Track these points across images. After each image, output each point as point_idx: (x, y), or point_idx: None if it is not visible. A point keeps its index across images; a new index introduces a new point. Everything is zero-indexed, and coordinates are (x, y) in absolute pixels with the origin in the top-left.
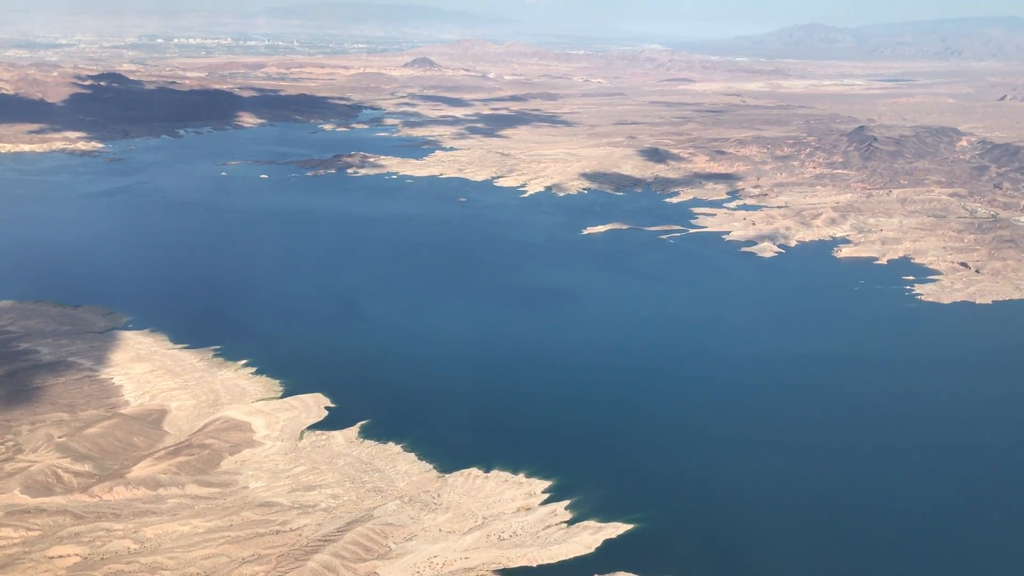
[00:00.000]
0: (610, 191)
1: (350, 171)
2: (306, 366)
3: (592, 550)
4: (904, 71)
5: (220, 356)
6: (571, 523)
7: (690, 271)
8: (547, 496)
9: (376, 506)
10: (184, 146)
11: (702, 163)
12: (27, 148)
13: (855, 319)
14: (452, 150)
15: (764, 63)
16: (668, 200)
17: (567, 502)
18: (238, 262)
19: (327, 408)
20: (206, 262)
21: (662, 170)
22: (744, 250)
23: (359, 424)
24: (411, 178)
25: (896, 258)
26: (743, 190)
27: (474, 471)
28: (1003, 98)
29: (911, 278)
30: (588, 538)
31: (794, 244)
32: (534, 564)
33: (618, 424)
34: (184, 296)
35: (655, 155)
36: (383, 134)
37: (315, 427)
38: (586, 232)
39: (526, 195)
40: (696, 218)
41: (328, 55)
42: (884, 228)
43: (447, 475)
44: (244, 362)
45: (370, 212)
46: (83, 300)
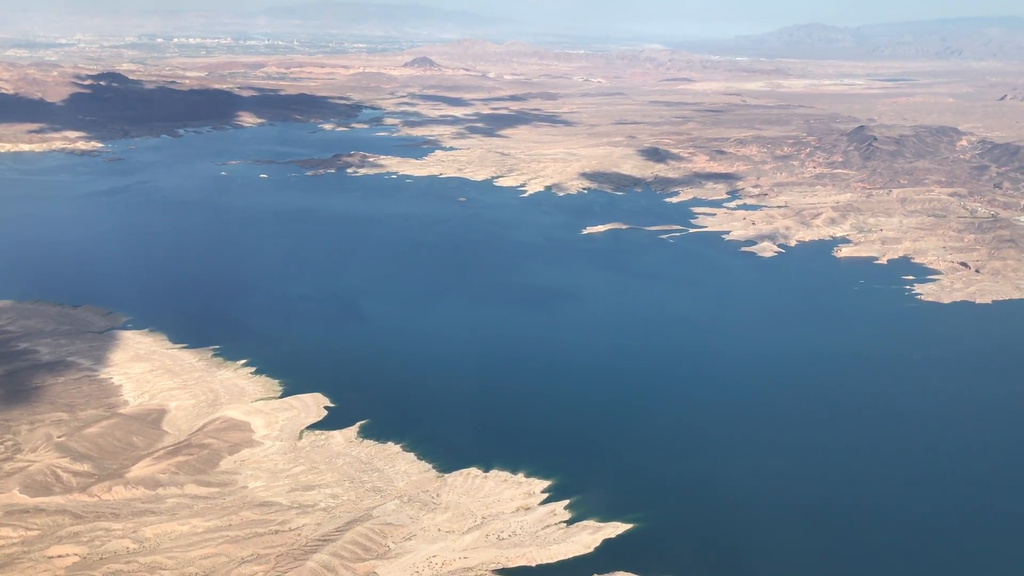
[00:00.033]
0: (610, 191)
1: (350, 171)
2: (305, 366)
3: (591, 550)
4: (904, 71)
5: (219, 356)
6: (570, 523)
7: (690, 271)
8: (546, 496)
9: (375, 506)
10: (184, 146)
11: (702, 163)
12: (27, 148)
13: (855, 319)
14: (452, 150)
15: (764, 63)
16: (668, 200)
17: (566, 502)
18: (238, 262)
19: (326, 408)
20: (206, 262)
21: (662, 170)
22: (744, 250)
23: (358, 424)
24: (411, 178)
25: (896, 258)
26: (743, 190)
27: (473, 471)
28: (1003, 98)
29: (911, 278)
30: (587, 538)
31: (794, 244)
32: (533, 564)
33: (617, 424)
34: (183, 296)
35: (655, 155)
36: (383, 134)
37: (314, 427)
38: (586, 232)
39: (526, 195)
40: (696, 218)
41: (328, 55)
42: (884, 228)
43: (446, 475)
44: (243, 362)
45: (370, 212)
46: (82, 300)
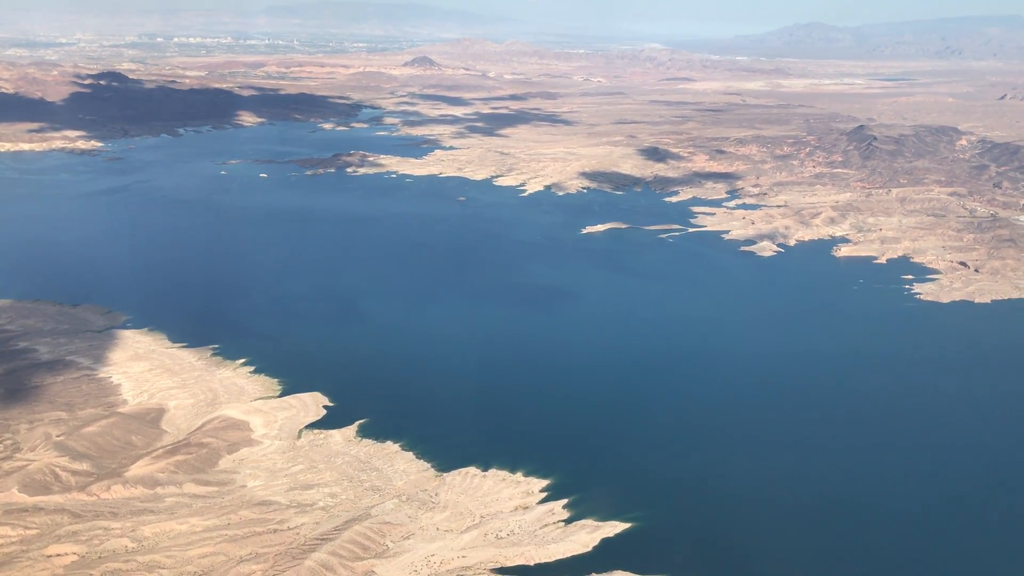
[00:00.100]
0: (609, 190)
1: (349, 170)
2: (304, 365)
3: (589, 549)
4: (904, 70)
5: (219, 355)
6: (568, 522)
7: (689, 270)
8: (545, 495)
9: (374, 505)
10: (184, 145)
11: (702, 162)
12: (26, 147)
13: (854, 318)
14: (452, 149)
15: (764, 62)
16: (667, 199)
17: (565, 501)
18: (237, 261)
19: (325, 407)
20: (205, 261)
21: (661, 169)
22: (743, 249)
23: (357, 423)
24: (410, 177)
25: (895, 257)
26: (742, 189)
27: (472, 470)
28: (1003, 97)
29: (910, 277)
30: (585, 537)
31: (793, 243)
32: (531, 563)
33: (616, 423)
34: (183, 295)
35: (655, 154)
36: (383, 133)
37: (313, 426)
38: (585, 231)
39: (525, 194)
40: (695, 217)
41: (328, 54)
42: (883, 227)
43: (445, 474)
44: (242, 361)
45: (369, 211)
46: (82, 299)
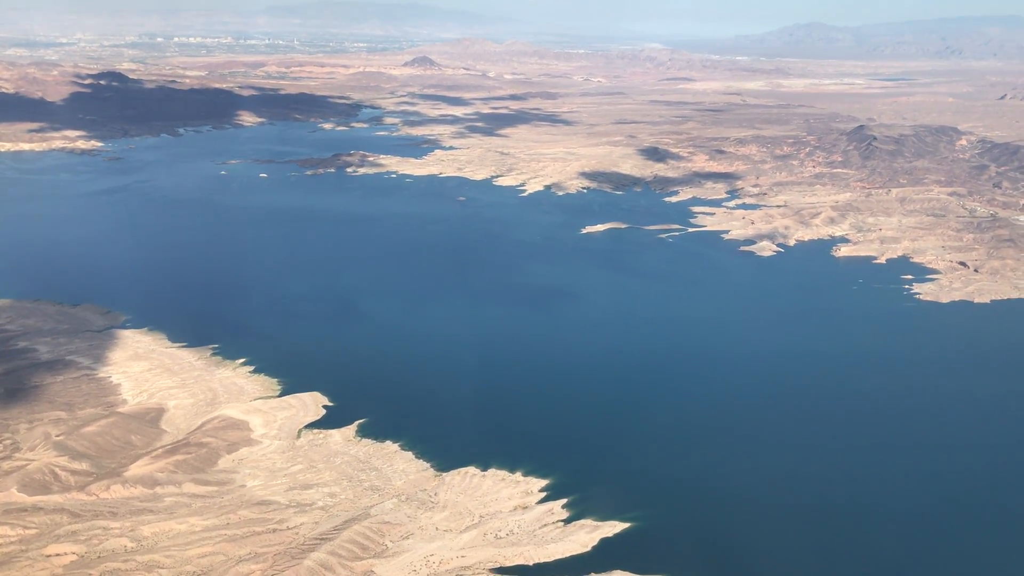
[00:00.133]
0: (609, 190)
1: (349, 170)
2: (304, 365)
3: (588, 549)
4: (904, 70)
5: (218, 355)
6: (568, 522)
7: (689, 270)
8: (544, 495)
9: (373, 504)
10: (184, 145)
11: (701, 162)
12: (26, 147)
13: (854, 318)
14: (451, 149)
15: (764, 62)
16: (667, 199)
17: (564, 501)
18: (237, 261)
19: (325, 407)
20: (205, 261)
21: (661, 169)
22: (743, 249)
23: (357, 423)
24: (410, 177)
25: (895, 257)
26: (742, 189)
27: (471, 470)
28: (1003, 97)
29: (910, 277)
30: (585, 537)
31: (793, 243)
32: (530, 563)
33: (615, 423)
34: (183, 295)
35: (654, 154)
36: (383, 133)
37: (313, 426)
38: (585, 231)
39: (525, 194)
40: (695, 217)
41: (328, 54)
42: (883, 227)
43: (444, 474)
44: (242, 361)
45: (369, 211)
46: (81, 299)
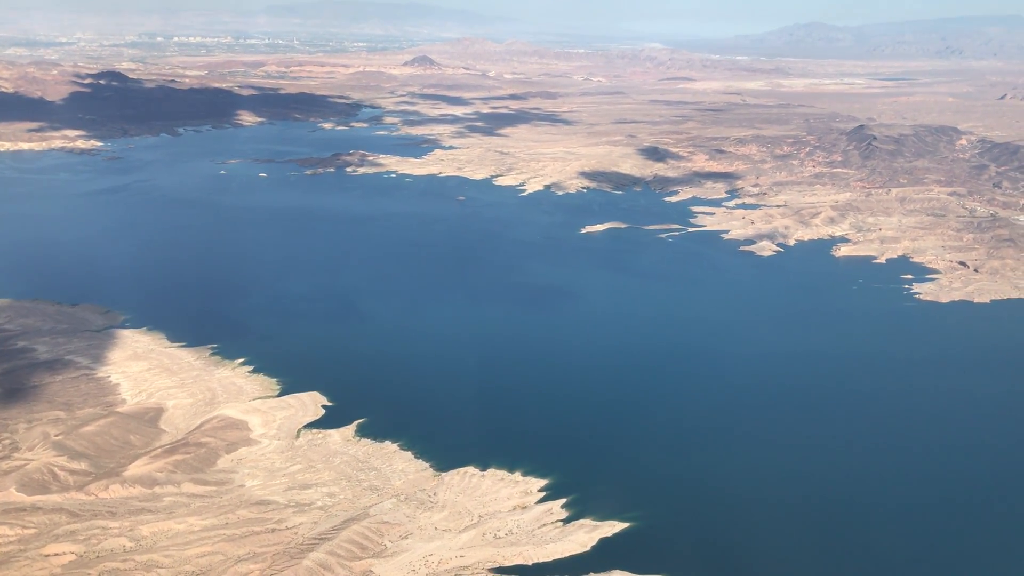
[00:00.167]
0: (609, 190)
1: (349, 170)
2: (303, 365)
3: (588, 548)
4: (904, 70)
5: (217, 354)
6: (567, 521)
7: (688, 270)
8: (543, 495)
9: (372, 504)
10: (183, 144)
11: (701, 162)
12: (26, 146)
13: (853, 318)
14: (451, 149)
15: (764, 62)
16: (667, 199)
17: (563, 501)
18: (236, 261)
19: (324, 407)
20: (204, 261)
21: (661, 169)
22: (743, 249)
23: (356, 422)
24: (410, 177)
25: (895, 257)
26: (742, 189)
27: (470, 469)
28: (1003, 97)
29: (910, 277)
30: (584, 536)
31: (793, 243)
32: (529, 562)
33: (614, 423)
34: (182, 295)
35: (654, 154)
36: (382, 132)
37: (312, 425)
38: (584, 231)
39: (525, 194)
40: (695, 217)
41: (328, 53)
42: (883, 227)
43: (443, 473)
44: (241, 360)
45: (369, 211)
46: (81, 298)
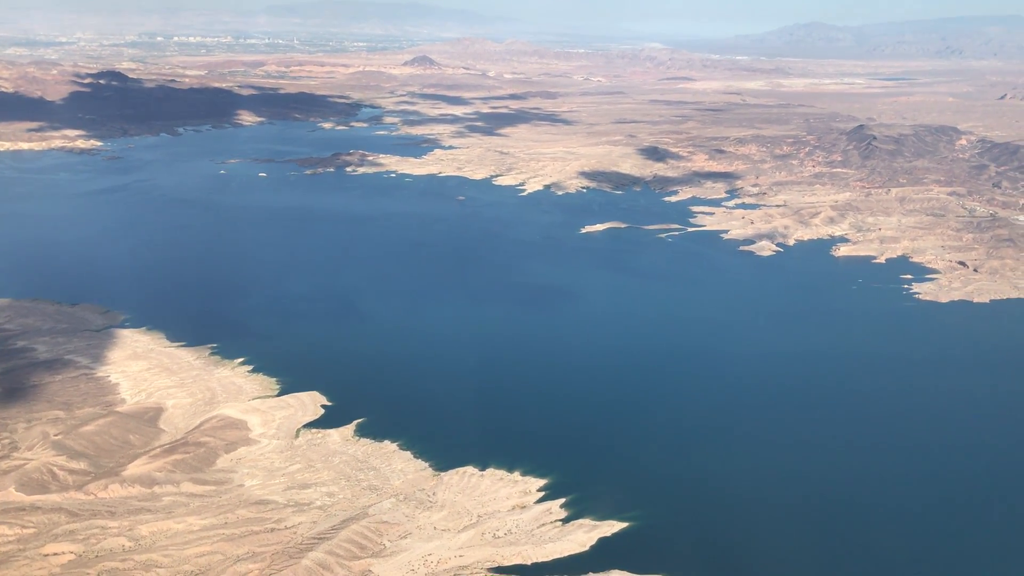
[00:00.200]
0: (609, 190)
1: (349, 169)
2: (303, 364)
3: (587, 548)
4: (904, 70)
5: (217, 354)
6: (566, 521)
7: (688, 270)
8: (542, 494)
9: (371, 504)
10: (183, 144)
11: (701, 162)
12: (26, 146)
13: (853, 318)
14: (451, 148)
15: (764, 62)
16: (667, 199)
17: (562, 500)
18: (236, 260)
19: (323, 406)
20: (204, 260)
21: (661, 169)
22: (742, 249)
23: (355, 422)
24: (410, 176)
25: (894, 257)
26: (742, 189)
27: (469, 469)
28: (1003, 97)
29: (909, 277)
30: (583, 536)
31: (792, 243)
32: (528, 562)
33: (614, 423)
34: (182, 294)
35: (654, 154)
36: (382, 132)
37: (311, 425)
38: (584, 231)
39: (525, 194)
40: (695, 217)
41: (328, 53)
42: (883, 227)
43: (442, 473)
44: (241, 360)
45: (368, 210)
46: (80, 298)
